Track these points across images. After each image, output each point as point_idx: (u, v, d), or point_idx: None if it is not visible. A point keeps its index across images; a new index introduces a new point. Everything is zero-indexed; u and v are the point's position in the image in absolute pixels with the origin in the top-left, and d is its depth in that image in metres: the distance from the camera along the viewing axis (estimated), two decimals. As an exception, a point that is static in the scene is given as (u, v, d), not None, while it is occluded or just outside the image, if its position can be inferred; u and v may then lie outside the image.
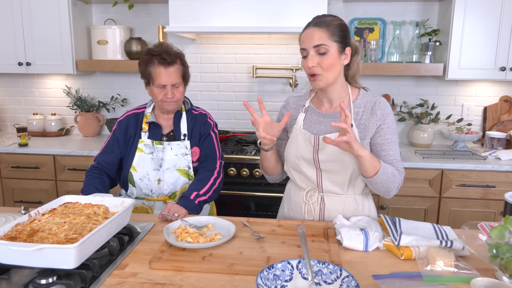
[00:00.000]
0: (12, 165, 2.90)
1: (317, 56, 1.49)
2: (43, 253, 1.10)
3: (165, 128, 1.97)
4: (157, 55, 1.83)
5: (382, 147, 1.57)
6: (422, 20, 2.98)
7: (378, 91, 3.15)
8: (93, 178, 1.88)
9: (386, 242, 1.37)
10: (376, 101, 1.60)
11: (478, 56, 2.73)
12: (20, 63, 3.06)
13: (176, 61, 1.86)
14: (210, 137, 1.98)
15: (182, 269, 1.23)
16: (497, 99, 3.07)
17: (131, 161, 1.92)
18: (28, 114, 3.49)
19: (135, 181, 1.93)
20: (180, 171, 1.92)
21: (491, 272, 1.21)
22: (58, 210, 1.40)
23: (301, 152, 1.63)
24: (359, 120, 1.59)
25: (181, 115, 1.97)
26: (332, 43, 1.49)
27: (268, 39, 3.18)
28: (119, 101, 3.39)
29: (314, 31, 1.50)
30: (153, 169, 1.91)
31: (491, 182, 2.54)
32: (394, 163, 1.56)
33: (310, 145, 1.60)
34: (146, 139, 1.93)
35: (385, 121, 1.57)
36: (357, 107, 1.61)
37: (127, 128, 1.96)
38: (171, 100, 1.86)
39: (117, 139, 1.95)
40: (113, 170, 1.96)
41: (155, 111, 1.98)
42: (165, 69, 1.82)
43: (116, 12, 3.27)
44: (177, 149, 1.92)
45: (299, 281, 1.12)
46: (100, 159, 1.96)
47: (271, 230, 1.51)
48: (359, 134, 1.58)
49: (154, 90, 1.87)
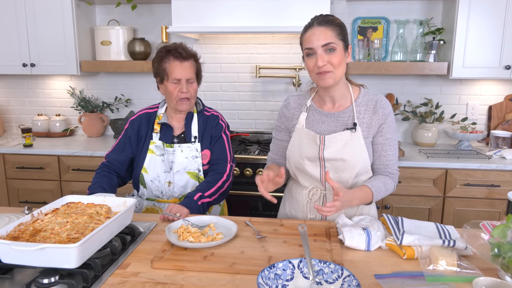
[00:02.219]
0: (17, 166, 2.92)
1: (326, 54, 1.50)
2: (45, 253, 1.10)
3: (176, 130, 1.96)
4: (173, 49, 1.85)
5: (383, 147, 1.61)
6: (426, 19, 2.96)
7: (382, 90, 3.14)
8: (101, 177, 1.89)
9: (389, 242, 1.36)
10: (378, 99, 1.62)
11: (483, 55, 2.71)
12: (25, 64, 3.08)
13: (191, 57, 1.88)
14: (221, 139, 1.96)
15: (184, 268, 1.23)
16: (502, 97, 3.05)
17: (142, 162, 1.92)
18: (32, 115, 3.51)
19: (146, 183, 1.92)
20: (190, 173, 1.91)
21: (494, 272, 1.20)
22: (61, 210, 1.41)
23: (305, 152, 1.62)
24: (362, 119, 1.60)
25: (193, 117, 1.96)
26: (339, 41, 1.51)
27: (271, 39, 3.17)
28: (123, 102, 3.40)
29: (322, 30, 1.50)
30: (163, 171, 1.91)
31: (496, 181, 2.52)
32: (391, 164, 1.63)
33: (315, 145, 1.60)
34: (157, 141, 1.92)
35: (387, 120, 1.60)
36: (359, 105, 1.61)
37: (140, 128, 1.95)
38: (185, 96, 1.86)
39: (129, 138, 1.95)
40: (123, 168, 1.96)
41: (168, 111, 1.97)
42: (180, 63, 1.84)
43: (119, 12, 3.29)
44: (188, 152, 1.91)
45: (300, 280, 1.12)
46: (111, 157, 1.96)
47: (273, 230, 1.51)
48: (363, 133, 1.59)
49: (168, 86, 1.86)
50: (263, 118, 3.30)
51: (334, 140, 1.58)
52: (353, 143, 1.57)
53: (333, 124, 1.61)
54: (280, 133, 1.76)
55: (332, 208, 1.37)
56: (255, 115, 3.31)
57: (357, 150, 1.57)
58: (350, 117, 1.60)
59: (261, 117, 3.30)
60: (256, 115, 3.31)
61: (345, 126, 1.60)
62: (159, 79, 1.91)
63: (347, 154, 1.57)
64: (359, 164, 1.58)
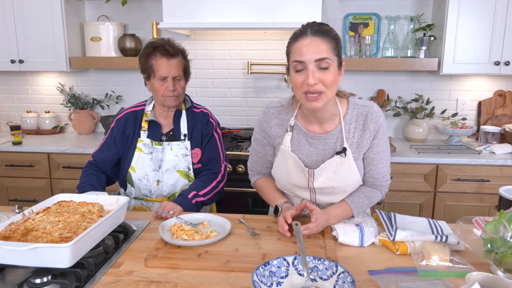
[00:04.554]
0: (6, 164, 2.88)
1: (318, 71, 1.31)
2: (37, 253, 1.09)
3: (164, 127, 1.93)
4: (160, 46, 1.81)
5: (372, 161, 1.50)
6: (417, 15, 2.97)
7: (373, 86, 3.15)
8: (90, 175, 1.87)
9: (382, 238, 1.37)
10: (368, 113, 1.46)
11: (473, 51, 2.73)
12: (13, 60, 3.03)
13: (179, 54, 1.84)
14: (213, 138, 1.94)
15: (178, 266, 1.23)
16: (491, 93, 3.08)
17: (130, 161, 1.89)
18: (21, 112, 3.46)
19: (134, 181, 1.90)
20: (180, 172, 1.89)
21: (485, 266, 1.22)
22: (53, 209, 1.39)
23: (294, 180, 1.52)
24: (352, 139, 1.47)
25: (181, 114, 1.93)
26: (334, 57, 1.33)
27: (263, 35, 3.17)
28: (113, 98, 3.37)
29: (317, 42, 1.30)
30: (152, 169, 1.88)
31: (486, 176, 2.55)
32: (380, 178, 1.52)
33: (304, 176, 1.50)
34: (146, 139, 1.89)
35: (377, 134, 1.47)
36: (348, 123, 1.47)
37: (125, 127, 1.92)
38: (172, 94, 1.82)
39: (115, 137, 1.92)
40: (108, 168, 1.94)
41: (155, 109, 1.94)
42: (167, 60, 1.80)
43: (109, 8, 3.25)
44: (177, 150, 1.88)
45: (295, 277, 1.12)
46: (96, 156, 1.94)
47: (267, 227, 1.51)
48: (353, 155, 1.47)
49: (155, 83, 1.83)
50: (255, 114, 3.29)
51: (324, 170, 1.47)
52: (344, 169, 1.46)
53: (321, 147, 1.48)
54: (264, 148, 1.60)
55: (306, 231, 1.38)
56: (247, 111, 3.30)
57: (348, 175, 1.47)
58: (339, 139, 1.47)
59: (253, 113, 3.30)
60: (248, 111, 3.30)
61: (333, 150, 1.47)
62: (146, 75, 1.88)
63: (338, 181, 1.47)
64: (351, 187, 1.51)
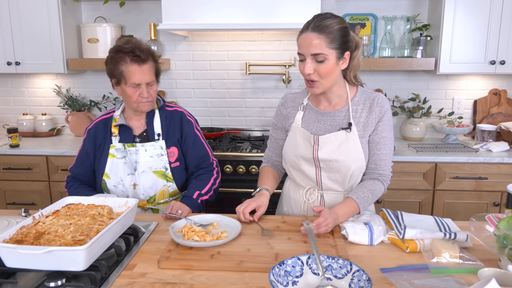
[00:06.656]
0: (4, 167, 2.85)
1: (314, 63, 1.46)
2: (52, 256, 1.09)
3: (136, 129, 1.87)
4: (129, 52, 1.71)
5: (376, 145, 1.59)
6: (413, 15, 3.01)
7: (370, 86, 3.18)
8: (77, 188, 1.84)
9: (391, 236, 1.39)
10: (375, 97, 1.59)
11: (469, 50, 2.77)
12: (9, 62, 3.00)
13: (150, 58, 1.76)
14: (197, 137, 1.91)
15: (191, 267, 1.23)
16: (486, 92, 3.12)
17: (103, 168, 1.83)
18: (17, 115, 3.42)
19: (109, 189, 1.84)
20: (156, 173, 1.83)
21: (494, 262, 1.24)
22: (62, 212, 1.39)
23: (300, 151, 1.62)
24: (358, 118, 1.58)
25: (154, 114, 1.87)
26: (331, 51, 1.45)
27: (260, 36, 3.17)
28: (110, 100, 3.35)
29: (312, 38, 1.43)
30: (127, 174, 1.83)
31: (483, 174, 2.59)
32: (383, 164, 1.61)
33: (309, 145, 1.60)
34: (117, 143, 1.83)
35: (383, 118, 1.58)
36: (356, 104, 1.60)
37: (96, 137, 1.86)
38: (147, 100, 1.76)
39: (87, 150, 1.87)
40: (89, 179, 1.90)
41: (125, 113, 1.88)
42: (139, 67, 1.72)
43: (106, 9, 3.23)
44: (152, 150, 1.82)
45: (310, 276, 1.13)
46: (73, 170, 1.91)
47: (276, 227, 1.52)
48: (359, 133, 1.57)
49: (127, 90, 1.75)
50: (254, 115, 3.30)
51: (328, 141, 1.57)
52: (348, 144, 1.56)
53: (329, 124, 1.60)
54: (277, 131, 1.75)
55: (321, 229, 1.41)
56: (245, 112, 3.31)
57: (352, 151, 1.56)
58: (346, 117, 1.59)
59: (251, 114, 3.30)
60: (246, 112, 3.31)
61: (340, 126, 1.59)
62: (115, 80, 1.78)
63: (342, 154, 1.55)
64: (354, 164, 1.57)
